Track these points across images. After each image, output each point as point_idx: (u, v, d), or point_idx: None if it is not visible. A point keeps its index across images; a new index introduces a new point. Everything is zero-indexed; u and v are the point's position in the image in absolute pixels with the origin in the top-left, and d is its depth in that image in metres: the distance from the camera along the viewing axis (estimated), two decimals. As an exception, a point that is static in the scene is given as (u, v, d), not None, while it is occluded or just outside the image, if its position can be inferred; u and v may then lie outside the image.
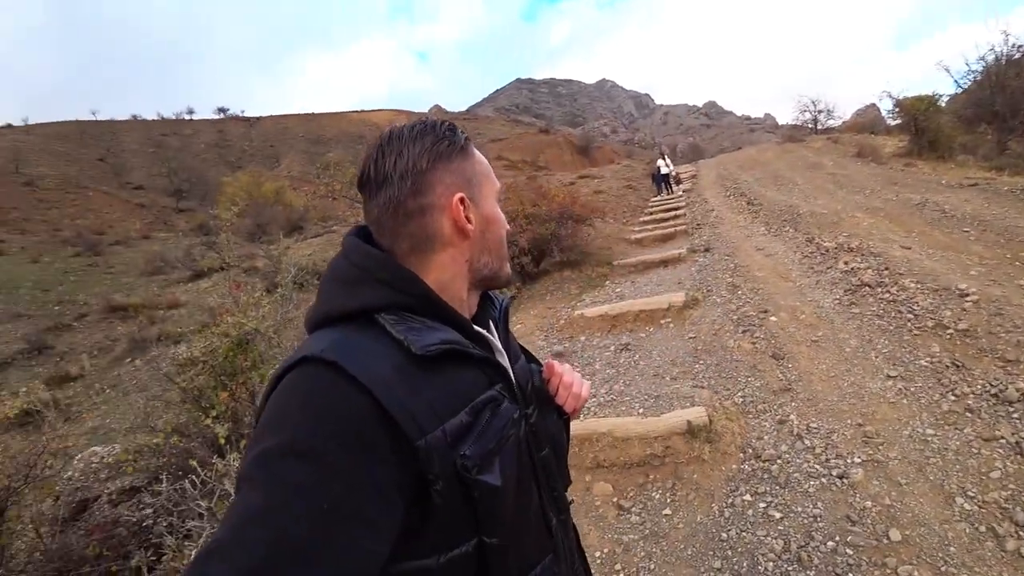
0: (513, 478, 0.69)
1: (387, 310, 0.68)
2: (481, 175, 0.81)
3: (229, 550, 0.49)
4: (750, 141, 44.89)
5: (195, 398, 4.46)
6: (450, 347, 0.67)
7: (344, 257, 0.74)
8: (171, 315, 11.91)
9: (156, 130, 48.38)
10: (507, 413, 0.71)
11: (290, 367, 0.62)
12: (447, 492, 0.61)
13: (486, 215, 0.80)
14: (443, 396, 0.65)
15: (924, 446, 2.86)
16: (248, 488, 0.54)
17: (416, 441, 0.59)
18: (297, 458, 0.54)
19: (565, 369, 0.93)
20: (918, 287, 4.67)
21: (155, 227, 26.40)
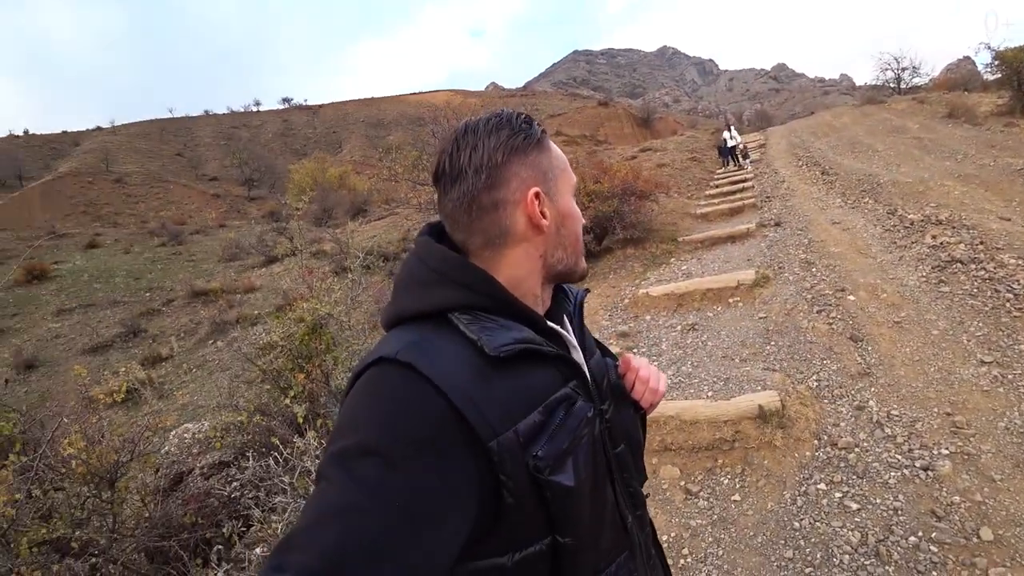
0: (588, 478, 0.69)
1: (461, 309, 0.68)
2: (557, 169, 0.79)
3: (305, 543, 0.51)
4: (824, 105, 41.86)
5: (274, 379, 4.75)
6: (524, 347, 0.66)
7: (417, 257, 0.75)
8: (248, 299, 12.67)
9: (227, 123, 51.18)
10: (581, 412, 0.70)
11: (367, 367, 0.64)
12: (520, 493, 0.62)
13: (561, 210, 0.78)
14: (516, 396, 0.65)
15: (1022, 440, 2.65)
16: (325, 485, 0.56)
17: (488, 442, 0.60)
18: (371, 457, 0.55)
19: (642, 364, 0.92)
20: (1019, 263, 4.26)
21: (230, 216, 28.10)
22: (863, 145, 11.56)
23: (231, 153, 36.77)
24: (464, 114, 14.99)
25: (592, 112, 44.61)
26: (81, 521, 3.05)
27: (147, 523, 3.29)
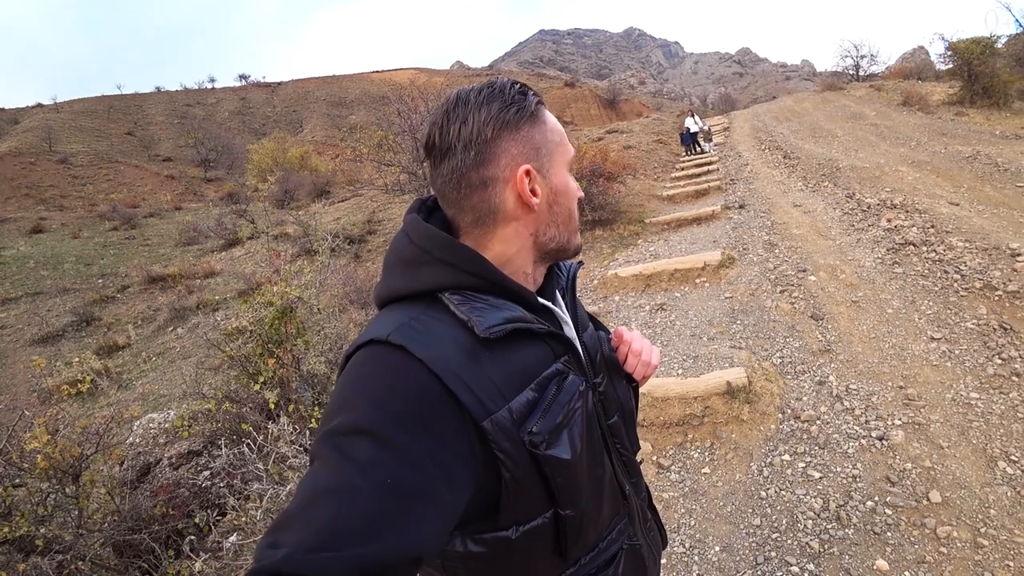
0: (584, 450, 0.70)
1: (450, 289, 0.68)
2: (552, 143, 0.75)
3: (299, 521, 0.51)
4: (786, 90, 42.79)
5: (242, 365, 4.65)
6: (514, 326, 0.66)
7: (406, 236, 0.74)
8: (208, 283, 12.27)
9: (180, 101, 48.63)
10: (573, 386, 0.71)
11: (358, 348, 0.65)
12: (517, 468, 0.63)
13: (555, 186, 0.76)
14: (508, 374, 0.65)
15: (967, 410, 2.85)
16: (318, 464, 0.56)
17: (482, 421, 0.61)
18: (363, 436, 0.55)
19: (634, 336, 0.93)
20: (966, 246, 4.52)
21: (186, 198, 26.97)
22: (823, 130, 11.90)
23: (185, 132, 35.05)
24: (429, 93, 14.73)
25: (559, 93, 44.42)
26: (44, 518, 2.96)
27: (115, 517, 3.21)
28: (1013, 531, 2.15)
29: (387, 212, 15.66)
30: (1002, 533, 2.14)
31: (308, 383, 4.54)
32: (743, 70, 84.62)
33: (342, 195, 19.87)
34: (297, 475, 2.97)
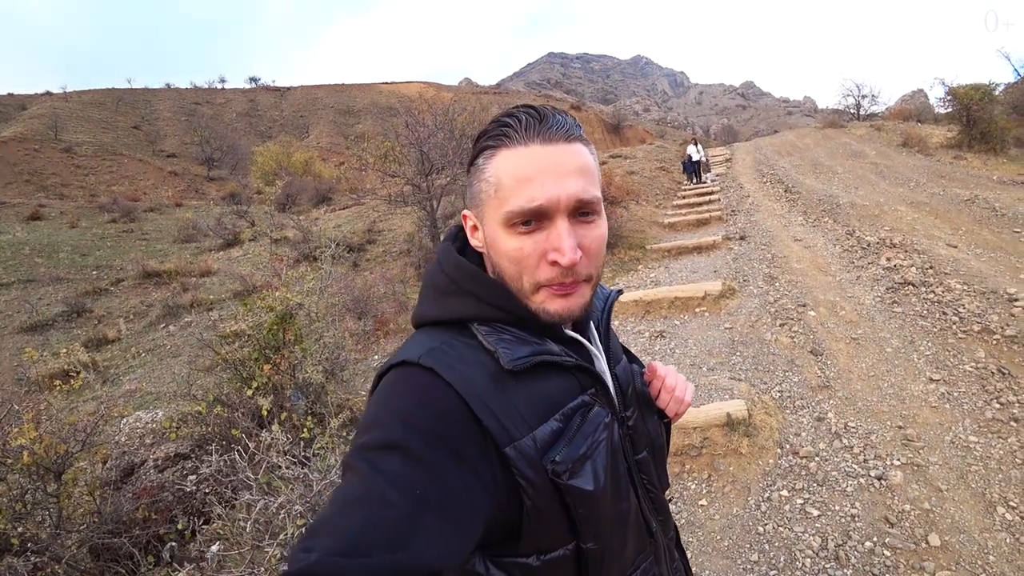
0: (608, 483, 0.69)
1: (478, 320, 0.70)
2: (484, 195, 0.70)
3: (331, 528, 0.53)
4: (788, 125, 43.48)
5: (236, 368, 4.61)
6: (540, 359, 0.68)
7: (439, 265, 0.76)
8: (203, 282, 12.21)
9: (189, 99, 48.85)
10: (598, 418, 0.71)
11: (390, 367, 0.67)
12: (539, 497, 0.64)
13: (486, 237, 0.72)
14: (533, 403, 0.66)
15: (966, 453, 2.85)
16: (350, 475, 0.58)
17: (505, 447, 0.62)
18: (393, 451, 0.58)
19: (668, 372, 0.92)
20: (964, 288, 4.56)
21: (187, 195, 26.91)
22: (824, 166, 12.06)
23: (192, 130, 35.07)
24: (437, 107, 14.88)
25: (565, 115, 44.68)
26: (22, 515, 2.89)
27: (95, 518, 3.14)
28: (1013, 580, 2.14)
29: (388, 223, 15.69)
30: None
31: (302, 392, 4.49)
32: (746, 103, 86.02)
33: (344, 203, 19.91)
34: (289, 487, 2.93)
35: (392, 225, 15.30)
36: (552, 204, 0.65)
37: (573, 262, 0.65)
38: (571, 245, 0.65)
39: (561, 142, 0.68)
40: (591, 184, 0.69)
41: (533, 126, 0.67)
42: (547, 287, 0.68)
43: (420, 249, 11.52)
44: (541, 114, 0.69)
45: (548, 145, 0.67)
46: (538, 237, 0.67)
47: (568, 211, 0.66)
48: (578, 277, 0.68)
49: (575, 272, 0.67)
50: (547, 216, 0.66)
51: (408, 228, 13.41)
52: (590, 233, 0.69)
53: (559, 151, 0.67)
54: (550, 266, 0.67)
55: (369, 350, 7.53)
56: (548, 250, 0.66)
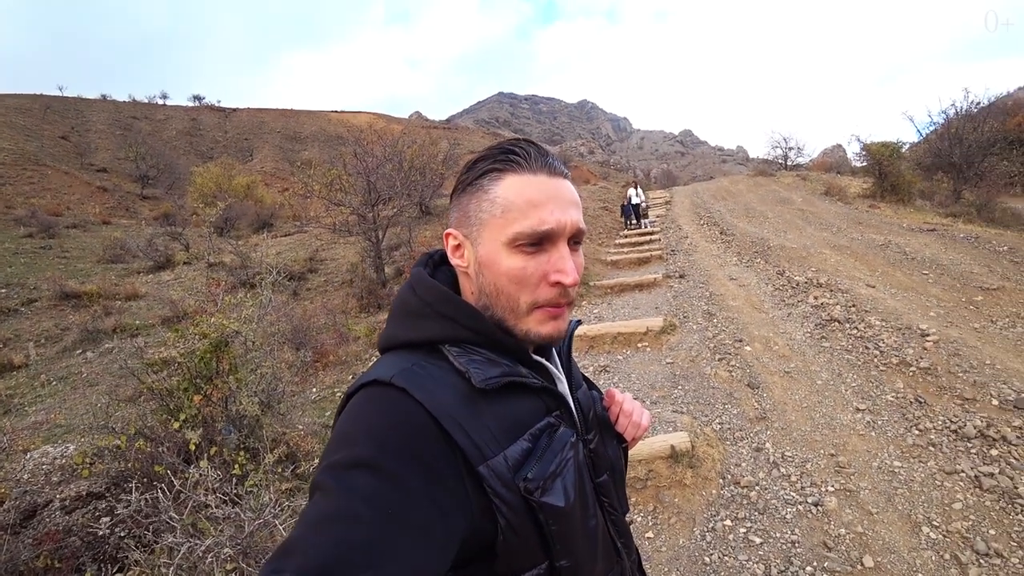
0: (578, 500, 0.71)
1: (450, 342, 0.72)
2: (487, 215, 0.73)
3: (301, 548, 0.52)
4: (722, 172, 46.37)
5: (162, 399, 4.30)
6: (509, 380, 0.70)
7: (411, 288, 0.78)
8: (129, 306, 11.44)
9: (126, 112, 46.33)
10: (564, 437, 0.73)
11: (361, 386, 0.67)
12: (513, 515, 0.64)
13: (480, 257, 0.74)
14: (503, 424, 0.68)
15: (892, 477, 3.03)
16: (320, 495, 0.57)
17: (478, 465, 0.63)
18: (365, 469, 0.57)
19: (626, 398, 0.96)
20: (883, 325, 4.92)
21: (116, 212, 25.25)
22: (756, 211, 12.87)
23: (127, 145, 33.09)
24: (387, 138, 14.89)
25: (513, 153, 45.63)
26: None
27: (-14, 569, 2.80)
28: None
29: (331, 251, 15.33)
30: None
31: (235, 424, 4.23)
32: (685, 150, 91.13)
33: (286, 229, 19.34)
34: (218, 528, 2.72)
35: (335, 254, 14.97)
36: (560, 229, 0.71)
37: (575, 283, 0.71)
38: (573, 268, 0.71)
39: (561, 176, 0.75)
40: (582, 217, 0.76)
41: (539, 158, 0.73)
42: (543, 308, 0.72)
43: (363, 280, 11.30)
44: (544, 150, 0.75)
45: (553, 177, 0.73)
46: (541, 259, 0.71)
47: (568, 238, 0.73)
48: (570, 298, 0.73)
49: (569, 294, 0.72)
50: (551, 240, 0.71)
51: (352, 258, 13.16)
52: (578, 260, 0.75)
53: (562, 184, 0.74)
54: (551, 287, 0.71)
55: (307, 382, 7.23)
56: (550, 271, 0.71)
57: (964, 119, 12.33)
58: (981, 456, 3.09)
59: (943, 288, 6.07)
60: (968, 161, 11.95)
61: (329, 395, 6.71)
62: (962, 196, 11.77)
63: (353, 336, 8.61)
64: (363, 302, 10.51)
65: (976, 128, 12.08)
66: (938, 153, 12.71)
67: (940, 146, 12.64)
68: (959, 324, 5.00)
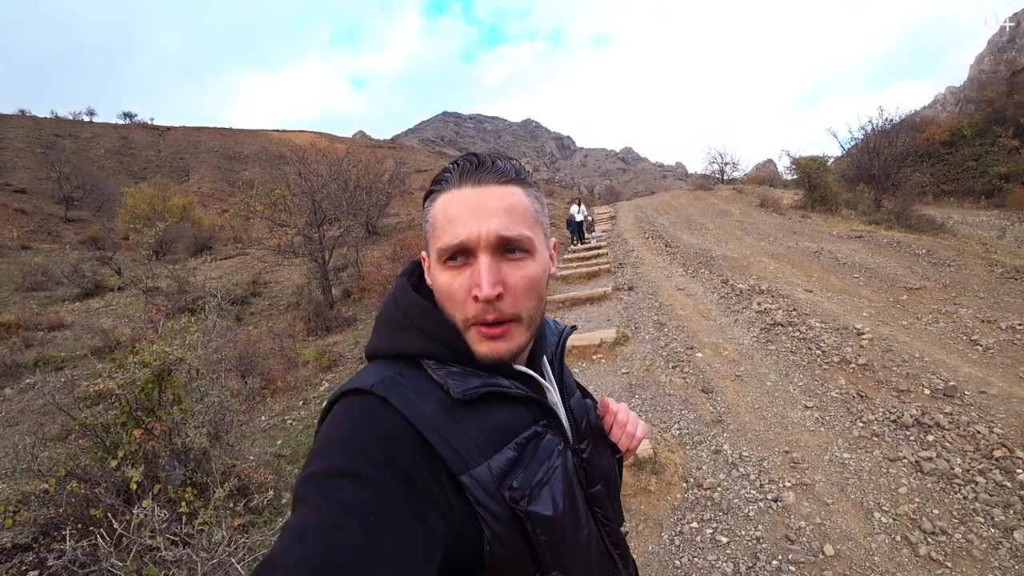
0: (567, 509, 0.69)
1: (427, 357, 0.71)
2: (427, 234, 0.74)
3: (286, 560, 0.51)
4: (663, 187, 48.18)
5: (96, 435, 3.99)
6: (489, 389, 0.69)
7: (393, 299, 0.77)
8: (53, 337, 10.62)
9: (48, 129, 43.08)
10: (551, 445, 0.72)
11: (343, 394, 0.66)
12: (499, 525, 0.63)
13: (432, 275, 0.74)
14: (487, 433, 0.67)
15: (843, 468, 3.19)
16: (301, 506, 0.56)
17: (460, 475, 0.62)
18: (346, 477, 0.56)
19: (620, 408, 0.95)
20: (823, 326, 5.21)
21: (37, 236, 23.42)
22: (697, 224, 13.41)
23: (49, 164, 30.81)
24: (331, 157, 14.65)
25: (460, 170, 45.74)
26: None
27: None
28: (896, 574, 2.41)
29: (275, 274, 14.83)
30: None
31: (180, 459, 3.98)
32: (626, 166, 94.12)
33: (226, 252, 18.57)
34: (168, 573, 2.55)
35: (279, 277, 14.49)
36: (473, 240, 0.68)
37: (489, 296, 0.66)
38: (488, 280, 0.66)
39: (492, 184, 0.71)
40: (518, 223, 0.70)
41: (469, 171, 0.71)
42: (476, 326, 0.69)
43: (310, 302, 10.98)
44: (480, 161, 0.73)
45: (478, 187, 0.70)
46: (465, 273, 0.69)
47: (490, 248, 0.68)
48: (502, 316, 0.68)
49: (498, 309, 0.68)
50: (472, 253, 0.68)
51: (297, 280, 12.78)
52: (516, 272, 0.69)
53: (487, 192, 0.70)
54: (474, 301, 0.68)
55: (256, 410, 6.91)
56: (471, 286, 0.68)
57: (880, 135, 13.41)
58: (919, 442, 3.32)
59: (873, 290, 6.51)
60: (886, 173, 12.98)
61: (279, 423, 6.43)
62: (882, 205, 12.73)
63: (302, 361, 8.32)
64: (311, 325, 10.19)
65: (891, 143, 13.16)
66: (859, 166, 13.74)
67: (861, 159, 13.68)
68: (889, 322, 5.36)
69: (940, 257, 7.79)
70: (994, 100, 22.90)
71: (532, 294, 0.71)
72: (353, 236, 14.09)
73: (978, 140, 21.44)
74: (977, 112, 23.09)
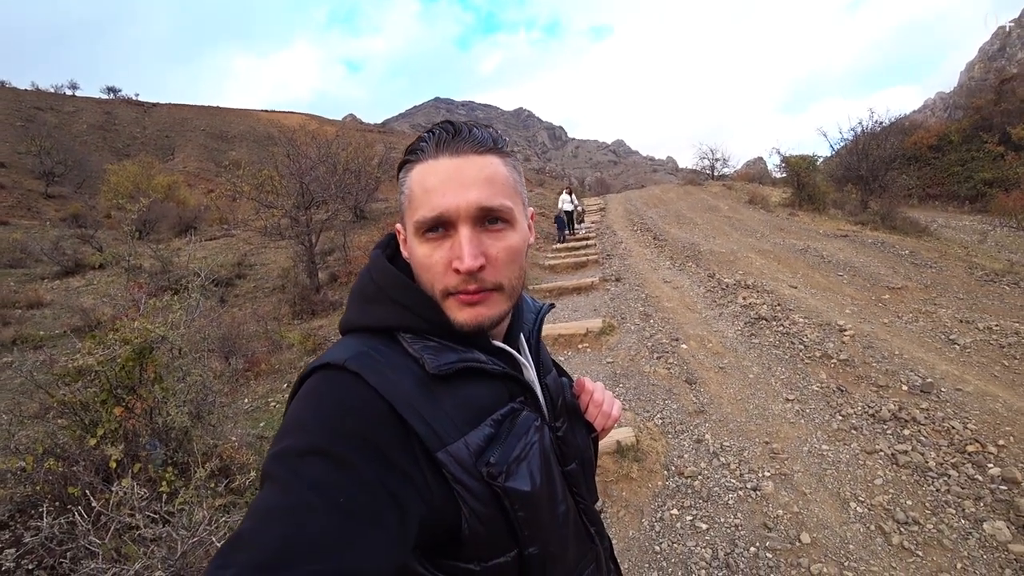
0: (545, 485, 0.69)
1: (404, 330, 0.69)
2: (402, 206, 0.73)
3: (251, 540, 0.50)
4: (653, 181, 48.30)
5: (75, 413, 3.94)
6: (465, 365, 0.68)
7: (368, 272, 0.75)
8: (31, 315, 10.43)
9: (28, 101, 41.79)
10: (528, 421, 0.71)
11: (314, 370, 0.65)
12: (477, 502, 0.63)
13: (408, 249, 0.74)
14: (463, 409, 0.66)
15: (821, 460, 3.26)
16: (270, 484, 0.55)
17: (436, 452, 0.61)
18: (316, 456, 0.55)
19: (596, 387, 0.95)
20: (806, 322, 5.28)
21: (16, 212, 22.85)
22: (686, 218, 13.48)
23: (29, 138, 29.93)
24: (320, 139, 14.45)
25: (451, 158, 45.41)
26: None
27: None
28: (869, 562, 2.47)
29: (261, 256, 14.66)
30: (861, 564, 2.46)
31: (161, 438, 3.94)
32: (617, 159, 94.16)
33: (211, 233, 18.31)
34: (147, 550, 2.53)
35: (265, 259, 14.34)
36: (452, 212, 0.67)
37: (471, 268, 0.66)
38: (470, 252, 0.66)
39: (470, 154, 0.69)
40: (498, 193, 0.69)
41: (445, 140, 0.70)
42: (454, 295, 0.68)
43: (296, 285, 10.87)
44: (456, 129, 0.71)
45: (456, 157, 0.69)
46: (444, 245, 0.68)
47: (471, 219, 0.67)
48: (483, 285, 0.68)
49: (479, 279, 0.67)
50: (452, 224, 0.67)
51: (283, 263, 12.64)
52: (497, 243, 0.69)
53: (466, 162, 0.69)
54: (455, 273, 0.67)
55: (238, 392, 6.86)
56: (452, 258, 0.67)
57: (869, 137, 13.55)
58: (896, 436, 3.39)
59: (856, 288, 6.61)
60: (873, 174, 13.12)
61: (262, 405, 6.40)
62: (869, 206, 12.88)
63: (286, 344, 8.26)
64: (296, 308, 10.10)
65: (879, 145, 13.30)
66: (848, 166, 13.88)
67: (849, 160, 13.82)
68: (871, 320, 5.45)
69: (923, 258, 7.93)
70: (982, 107, 23.20)
71: (513, 264, 0.71)
72: (341, 220, 13.95)
73: (965, 146, 21.76)
74: (965, 118, 23.41)
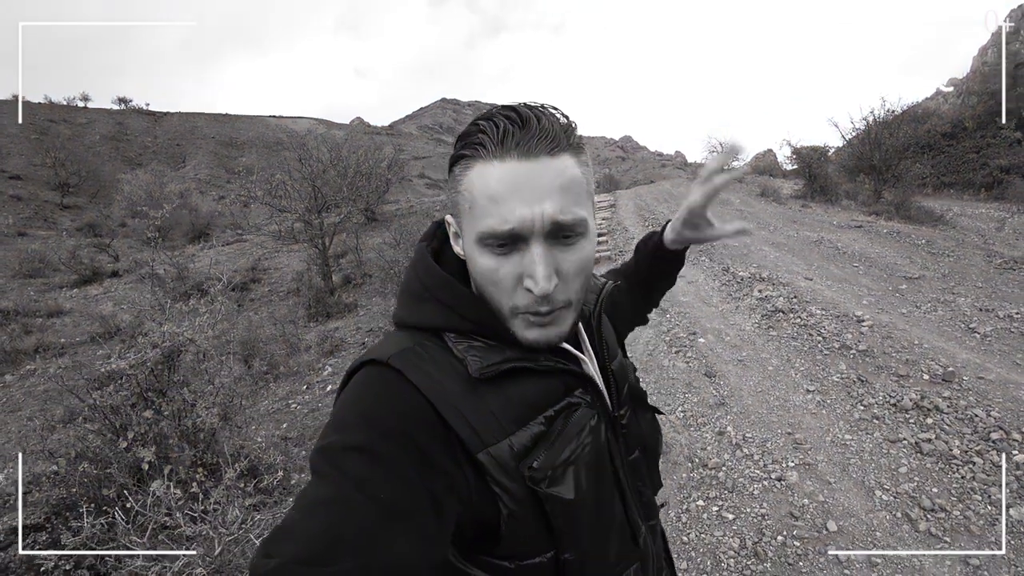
0: (591, 490, 0.67)
1: (450, 330, 0.68)
2: (460, 206, 0.67)
3: (295, 532, 0.52)
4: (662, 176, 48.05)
5: (106, 417, 4.04)
6: (510, 365, 0.65)
7: (412, 268, 0.74)
8: (52, 324, 10.63)
9: (42, 114, 42.43)
10: (582, 420, 0.68)
11: (361, 365, 0.66)
12: (516, 504, 0.62)
13: (465, 251, 0.69)
14: (510, 408, 0.64)
15: (844, 449, 3.27)
16: (316, 478, 0.57)
17: (477, 452, 0.60)
18: (358, 453, 0.56)
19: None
20: (823, 314, 5.27)
21: (33, 223, 23.31)
22: (698, 212, 13.38)
23: (44, 150, 30.47)
24: (329, 143, 14.58)
25: (458, 158, 45.54)
26: None
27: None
28: (897, 548, 2.49)
29: (274, 260, 14.81)
30: (888, 551, 2.48)
31: (190, 440, 4.04)
32: (625, 155, 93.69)
33: (224, 239, 18.52)
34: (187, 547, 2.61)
35: (279, 263, 14.48)
36: (526, 228, 0.61)
37: (546, 292, 0.61)
38: (544, 274, 0.61)
39: (543, 156, 0.62)
40: (574, 203, 0.63)
41: (512, 135, 0.61)
42: (524, 314, 0.65)
43: (311, 288, 10.99)
44: (523, 120, 0.62)
45: (526, 161, 0.61)
46: (514, 259, 0.63)
47: (544, 234, 0.62)
48: (555, 305, 0.64)
49: (551, 300, 0.64)
50: (522, 239, 0.62)
51: (297, 266, 12.78)
52: (569, 257, 0.65)
53: (539, 167, 0.61)
54: (525, 292, 0.63)
55: (259, 395, 6.96)
56: (521, 274, 0.63)
57: (881, 125, 13.39)
58: (919, 425, 3.39)
59: (872, 279, 6.57)
60: (886, 164, 12.97)
61: (283, 407, 6.48)
62: (882, 196, 12.74)
63: (304, 346, 8.38)
64: (311, 311, 10.23)
65: (892, 134, 13.14)
66: (860, 156, 13.72)
67: (862, 150, 13.65)
68: (889, 310, 5.42)
69: (939, 247, 7.85)
70: (997, 92, 22.83)
71: (582, 277, 0.67)
72: (353, 222, 14.08)
73: (979, 132, 21.44)
74: (979, 104, 23.05)
